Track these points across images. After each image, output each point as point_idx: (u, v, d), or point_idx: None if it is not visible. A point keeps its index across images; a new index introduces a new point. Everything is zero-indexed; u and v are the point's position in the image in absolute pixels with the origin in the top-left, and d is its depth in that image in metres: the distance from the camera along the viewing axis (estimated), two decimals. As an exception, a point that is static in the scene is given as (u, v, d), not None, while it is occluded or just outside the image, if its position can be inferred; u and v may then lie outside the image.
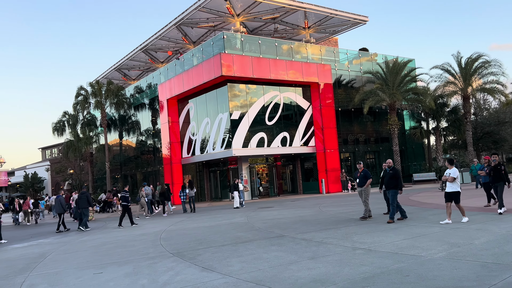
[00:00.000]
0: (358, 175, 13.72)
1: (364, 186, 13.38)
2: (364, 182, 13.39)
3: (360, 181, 13.55)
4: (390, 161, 13.16)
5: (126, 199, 18.73)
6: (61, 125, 40.70)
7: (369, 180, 13.35)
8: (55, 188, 57.55)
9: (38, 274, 9.06)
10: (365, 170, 13.63)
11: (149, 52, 40.35)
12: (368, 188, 13.44)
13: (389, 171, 12.80)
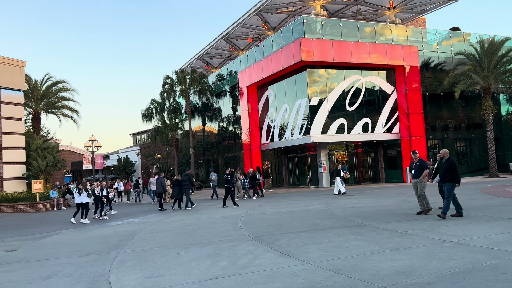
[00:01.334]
0: (413, 165, 12.69)
1: (420, 177, 12.36)
2: (420, 173, 12.37)
3: (415, 171, 12.53)
4: (445, 151, 11.76)
5: (228, 181, 19.61)
6: (149, 112, 43.16)
7: (426, 171, 12.29)
8: (145, 171, 61.56)
9: (129, 251, 9.72)
10: (421, 160, 12.60)
11: (230, 40, 41.10)
12: (425, 180, 12.38)
13: (444, 162, 11.53)
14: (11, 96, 29.03)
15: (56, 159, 30.43)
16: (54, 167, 30.47)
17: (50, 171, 30.23)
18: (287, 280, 6.15)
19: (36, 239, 13.03)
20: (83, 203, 17.19)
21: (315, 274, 6.38)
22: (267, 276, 6.49)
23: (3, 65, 28.57)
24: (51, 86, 35.52)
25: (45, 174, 29.48)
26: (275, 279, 6.26)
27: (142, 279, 6.86)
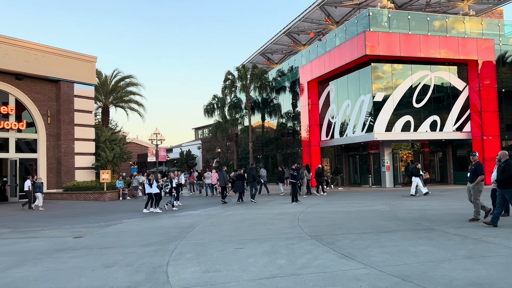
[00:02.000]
0: (469, 168, 11.45)
1: (474, 182, 11.12)
2: (474, 178, 11.12)
3: (470, 175, 11.29)
4: (504, 153, 10.32)
5: (295, 177, 19.44)
6: (211, 107, 43.92)
7: (480, 177, 10.99)
8: (205, 164, 62.95)
9: (187, 243, 9.77)
10: (478, 164, 11.24)
11: (291, 35, 40.68)
12: (480, 186, 11.09)
13: (501, 165, 10.13)
14: (83, 90, 30.71)
15: (122, 150, 31.80)
16: (120, 159, 31.85)
17: (117, 162, 31.65)
18: (349, 285, 5.78)
19: (101, 227, 13.57)
20: (153, 193, 17.82)
21: (380, 280, 5.94)
22: (327, 278, 6.15)
23: (76, 61, 30.27)
24: (120, 81, 37.19)
25: (112, 165, 30.92)
26: (336, 283, 5.91)
27: (199, 273, 6.79)
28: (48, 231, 13.10)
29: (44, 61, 28.20)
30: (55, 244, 10.40)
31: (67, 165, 29.38)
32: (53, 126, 29.28)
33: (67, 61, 29.65)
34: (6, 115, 26.78)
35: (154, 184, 17.91)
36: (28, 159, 28.23)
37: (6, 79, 26.76)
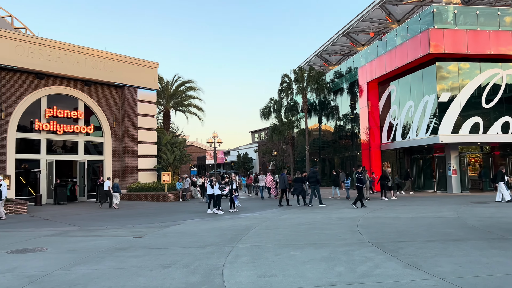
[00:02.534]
0: None
1: None
2: None
3: None
4: None
5: (361, 181, 18.99)
6: (267, 110, 43.98)
7: None
8: (262, 167, 63.20)
9: (243, 245, 9.70)
10: None
11: (350, 35, 39.76)
12: None
13: None
14: (145, 95, 31.94)
15: (182, 153, 32.65)
16: (180, 161, 32.72)
17: (177, 164, 32.55)
18: (414, 297, 5.38)
19: (161, 227, 13.89)
20: (215, 194, 18.12)
21: (449, 293, 5.48)
22: (390, 289, 5.78)
23: (139, 67, 31.55)
24: (180, 85, 38.29)
25: (172, 167, 31.84)
26: (400, 294, 5.52)
27: (255, 277, 6.66)
28: (111, 230, 13.63)
29: (110, 68, 29.66)
30: (117, 243, 10.75)
31: (131, 167, 30.64)
32: (118, 130, 30.69)
33: (131, 67, 30.98)
34: (76, 119, 28.43)
35: (216, 186, 18.22)
36: (95, 161, 29.78)
37: (76, 86, 28.44)
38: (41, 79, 26.48)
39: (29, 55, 25.46)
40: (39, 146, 26.66)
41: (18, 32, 27.76)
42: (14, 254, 9.42)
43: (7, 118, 24.93)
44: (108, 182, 22.90)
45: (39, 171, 26.57)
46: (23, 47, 25.29)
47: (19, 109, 25.50)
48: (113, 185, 22.67)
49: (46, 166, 26.64)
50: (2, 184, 17.57)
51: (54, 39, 27.26)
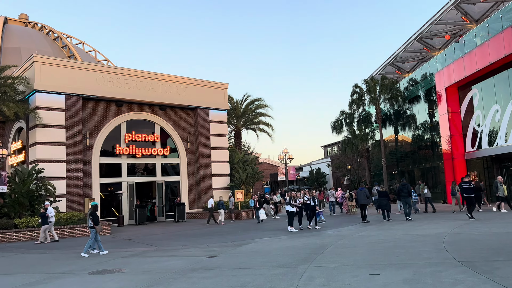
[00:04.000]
0: None
1: None
2: None
3: None
4: None
5: (469, 190, 17.79)
6: (338, 123, 42.96)
7: None
8: (336, 182, 61.67)
9: (317, 266, 9.20)
10: None
11: (423, 40, 37.81)
12: None
13: None
14: (217, 116, 32.69)
15: (254, 171, 32.78)
16: (253, 178, 32.85)
17: (250, 182, 32.70)
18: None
19: (234, 246, 13.78)
20: (293, 211, 17.84)
21: None
22: (488, 318, 5.00)
23: (210, 89, 32.45)
24: (249, 104, 38.77)
25: (245, 185, 32.03)
26: (501, 325, 4.74)
27: (330, 302, 6.17)
28: (186, 249, 13.77)
29: (182, 91, 30.81)
30: (190, 263, 10.76)
31: (206, 186, 31.29)
32: (192, 150, 31.61)
33: (202, 89, 31.95)
34: (153, 142, 29.74)
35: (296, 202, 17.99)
36: (172, 181, 30.84)
37: (152, 110, 29.86)
38: (120, 106, 28.14)
39: (108, 84, 27.23)
40: (120, 169, 28.18)
41: (99, 64, 29.92)
42: (93, 275, 9.77)
43: (91, 145, 26.72)
44: (211, 200, 24.99)
45: (121, 193, 28.04)
46: (103, 77, 27.12)
47: (101, 135, 27.24)
48: (218, 202, 24.76)
49: (127, 188, 28.05)
50: (49, 209, 18.74)
51: (130, 68, 28.95)
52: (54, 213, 19.02)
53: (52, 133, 24.59)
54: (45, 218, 18.28)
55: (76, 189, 25.06)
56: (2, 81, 23.91)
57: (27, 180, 21.53)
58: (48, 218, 18.36)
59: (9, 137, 28.83)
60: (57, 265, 11.65)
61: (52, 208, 19.19)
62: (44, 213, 18.29)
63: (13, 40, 47.05)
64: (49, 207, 18.76)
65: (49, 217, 18.43)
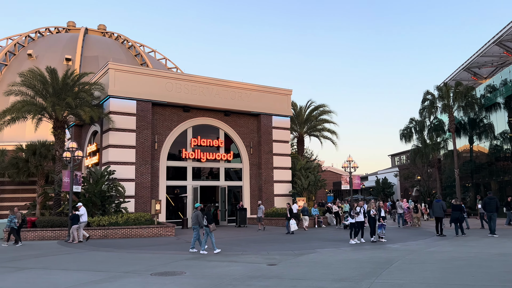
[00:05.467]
0: None
1: None
2: None
3: None
4: None
5: None
6: (408, 131, 41.10)
7: None
8: (404, 193, 58.95)
9: (383, 282, 8.66)
10: None
11: (504, 44, 35.10)
12: None
13: None
14: (280, 122, 32.57)
15: (317, 178, 32.16)
16: (315, 186, 32.24)
17: (312, 189, 32.12)
18: None
19: (295, 256, 13.47)
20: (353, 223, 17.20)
21: None
22: None
23: (273, 95, 32.43)
24: (313, 110, 38.23)
25: (307, 192, 31.51)
26: None
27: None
28: (246, 256, 13.68)
29: (246, 98, 31.08)
30: (250, 270, 10.63)
31: (267, 192, 31.21)
32: (255, 156, 31.72)
33: (266, 96, 32.02)
34: (217, 147, 30.25)
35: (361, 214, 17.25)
36: (235, 186, 31.13)
37: (217, 116, 30.41)
38: (187, 111, 28.95)
39: (177, 90, 28.14)
40: (186, 173, 28.93)
41: (168, 71, 31.02)
42: (155, 277, 9.94)
43: (159, 148, 27.70)
44: (295, 205, 25.21)
45: (185, 196, 28.77)
46: (172, 83, 28.08)
47: (169, 139, 28.16)
48: (303, 208, 24.99)
49: (192, 192, 28.71)
50: (81, 210, 19.43)
51: (197, 75, 29.72)
52: (86, 214, 19.75)
53: (124, 137, 25.81)
54: (77, 218, 19.11)
55: (144, 191, 26.08)
56: (80, 87, 25.54)
57: (100, 181, 22.75)
58: (79, 218, 19.16)
59: (86, 140, 30.72)
60: (122, 264, 12.06)
61: (84, 208, 19.90)
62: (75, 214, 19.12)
63: (92, 49, 50.44)
64: (81, 208, 19.59)
65: (81, 218, 19.20)
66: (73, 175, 20.14)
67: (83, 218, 19.42)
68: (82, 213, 19.37)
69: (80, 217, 19.18)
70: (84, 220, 19.52)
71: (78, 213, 19.20)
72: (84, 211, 19.63)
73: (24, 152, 33.29)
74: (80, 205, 19.74)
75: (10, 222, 18.65)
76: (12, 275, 10.56)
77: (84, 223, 19.60)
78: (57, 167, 25.00)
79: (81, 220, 19.24)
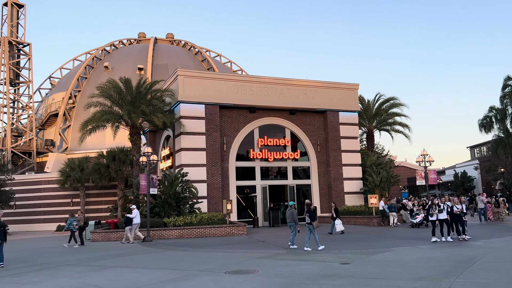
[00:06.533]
0: None
1: None
2: None
3: None
4: None
5: None
6: (487, 121, 38.35)
7: None
8: (486, 187, 55.05)
9: (464, 281, 8.18)
10: None
11: None
12: None
13: None
14: (347, 117, 31.88)
15: (389, 174, 31.06)
16: (388, 183, 31.16)
17: (384, 186, 31.08)
18: None
19: (368, 254, 13.13)
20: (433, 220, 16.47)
21: None
22: None
23: (339, 90, 31.83)
24: (382, 104, 36.99)
25: (379, 189, 30.53)
26: None
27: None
28: (318, 254, 13.57)
29: (311, 95, 30.81)
30: (322, 269, 10.54)
31: (337, 190, 30.70)
32: (322, 154, 31.34)
33: (331, 91, 31.51)
34: (284, 146, 30.32)
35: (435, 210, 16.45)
36: (303, 185, 31.01)
37: (282, 115, 30.48)
38: (253, 112, 29.34)
39: (242, 92, 28.63)
40: (254, 173, 29.33)
41: (233, 74, 31.67)
42: (229, 275, 10.20)
43: (228, 150, 28.36)
44: (382, 202, 25.08)
45: (255, 196, 29.17)
46: (237, 86, 28.63)
47: (236, 140, 28.74)
48: (390, 205, 24.80)
49: (261, 191, 29.05)
50: (134, 212, 20.17)
51: (262, 75, 30.02)
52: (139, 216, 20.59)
53: (194, 140, 26.75)
54: (130, 220, 20.07)
55: (215, 191, 26.83)
56: (152, 95, 26.90)
57: (174, 183, 23.78)
58: (132, 220, 20.09)
59: (160, 145, 32.26)
60: (197, 263, 12.51)
61: (136, 211, 20.73)
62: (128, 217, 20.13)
63: (161, 57, 52.92)
64: (134, 210, 20.44)
65: (133, 219, 20.10)
66: (149, 178, 21.24)
67: (136, 220, 20.44)
68: (135, 215, 20.40)
69: (132, 219, 20.29)
70: (136, 222, 20.52)
71: (130, 216, 20.34)
72: (136, 213, 20.61)
73: (105, 158, 35.78)
74: (134, 207, 20.84)
75: (69, 225, 20.27)
76: (98, 274, 11.38)
77: (137, 225, 20.64)
78: (135, 171, 26.53)
79: (134, 222, 20.32)
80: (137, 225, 20.65)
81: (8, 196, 34.08)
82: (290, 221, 15.44)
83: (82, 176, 35.90)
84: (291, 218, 15.43)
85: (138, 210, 21.19)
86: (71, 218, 20.50)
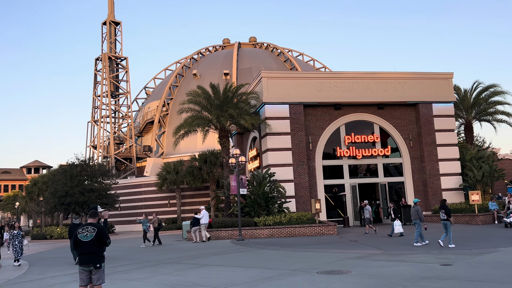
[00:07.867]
0: None
1: None
2: None
3: None
4: None
5: None
6: None
7: None
8: None
9: None
10: None
11: None
12: None
13: None
14: (441, 109, 29.81)
15: (492, 168, 28.46)
16: (491, 177, 28.60)
17: (487, 181, 28.56)
18: None
19: (472, 255, 12.15)
20: None
21: None
22: None
23: (431, 81, 29.88)
24: (481, 92, 34.04)
25: (481, 185, 28.13)
26: None
27: None
28: (415, 255, 12.87)
29: (401, 88, 29.31)
30: (420, 270, 9.97)
31: (433, 187, 28.85)
32: (415, 149, 29.66)
33: (422, 82, 29.72)
34: (373, 143, 29.22)
35: None
36: (395, 182, 29.60)
37: (369, 111, 29.41)
38: (338, 109, 28.71)
39: (326, 89, 28.17)
40: (342, 171, 28.68)
41: (316, 72, 31.37)
42: (322, 275, 10.06)
43: (314, 148, 28.07)
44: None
45: (344, 195, 28.52)
46: (321, 83, 28.23)
47: (322, 139, 28.34)
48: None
49: (350, 190, 28.31)
50: (202, 212, 21.13)
51: (345, 71, 29.31)
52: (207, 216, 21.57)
53: (280, 140, 26.92)
54: (197, 221, 21.16)
55: (303, 191, 26.72)
56: (238, 98, 27.63)
57: (262, 183, 24.16)
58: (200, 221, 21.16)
59: (247, 146, 33.00)
60: (289, 262, 12.54)
61: (205, 212, 21.74)
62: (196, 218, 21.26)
63: (245, 61, 54.19)
64: (202, 211, 21.46)
65: (201, 220, 21.17)
66: (239, 179, 21.82)
67: (203, 220, 21.61)
68: (202, 216, 21.55)
69: (200, 219, 21.45)
70: (204, 222, 21.62)
71: (198, 217, 21.62)
72: (204, 214, 21.76)
73: (197, 161, 37.55)
74: (202, 208, 22.08)
75: (143, 225, 21.93)
76: (195, 272, 11.92)
77: (205, 225, 21.69)
78: (225, 173, 27.43)
79: (201, 222, 21.47)
80: (205, 225, 21.88)
81: (113, 199, 37.18)
82: (415, 218, 15.57)
83: (177, 178, 38.02)
84: (416, 215, 15.59)
85: (206, 211, 22.48)
86: (144, 220, 22.15)
